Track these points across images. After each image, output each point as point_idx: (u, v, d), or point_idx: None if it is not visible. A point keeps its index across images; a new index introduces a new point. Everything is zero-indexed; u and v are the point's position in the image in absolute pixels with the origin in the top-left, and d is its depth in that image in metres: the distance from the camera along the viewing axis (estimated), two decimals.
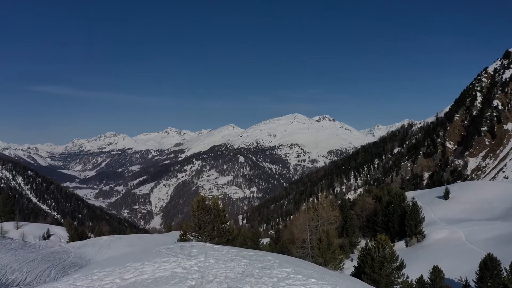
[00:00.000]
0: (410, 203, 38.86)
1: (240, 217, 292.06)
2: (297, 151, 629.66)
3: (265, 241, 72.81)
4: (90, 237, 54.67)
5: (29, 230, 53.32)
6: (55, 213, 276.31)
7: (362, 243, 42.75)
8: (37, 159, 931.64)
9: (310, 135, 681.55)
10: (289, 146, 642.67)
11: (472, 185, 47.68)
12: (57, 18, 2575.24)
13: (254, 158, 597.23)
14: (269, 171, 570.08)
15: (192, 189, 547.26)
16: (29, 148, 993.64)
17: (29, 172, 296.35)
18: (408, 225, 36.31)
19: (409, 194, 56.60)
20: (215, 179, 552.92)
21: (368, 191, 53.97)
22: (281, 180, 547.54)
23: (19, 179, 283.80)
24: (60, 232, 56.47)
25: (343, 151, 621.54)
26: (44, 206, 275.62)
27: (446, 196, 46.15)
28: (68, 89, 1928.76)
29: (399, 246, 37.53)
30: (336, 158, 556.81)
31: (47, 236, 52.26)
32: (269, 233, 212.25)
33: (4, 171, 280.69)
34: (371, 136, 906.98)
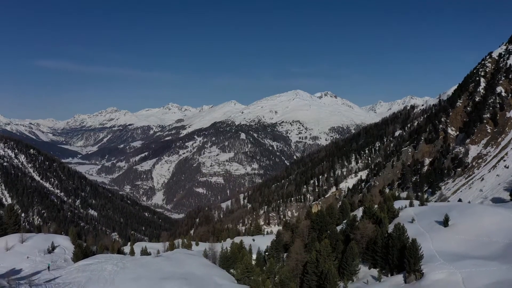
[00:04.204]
0: (410, 239, 39.11)
1: (242, 196, 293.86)
2: (298, 128, 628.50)
3: (265, 242, 73.62)
4: (94, 253, 55.71)
5: (34, 243, 54.13)
6: (58, 191, 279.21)
7: (362, 270, 43.47)
8: (39, 135, 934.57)
9: (312, 112, 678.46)
10: (290, 123, 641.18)
11: (472, 211, 47.66)
12: None
13: (255, 134, 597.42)
14: (270, 148, 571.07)
15: (194, 165, 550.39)
16: (30, 123, 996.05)
17: (32, 150, 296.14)
18: (407, 262, 36.80)
19: (409, 212, 56.84)
20: (217, 155, 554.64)
21: (369, 212, 54.00)
22: (282, 157, 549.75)
23: (22, 157, 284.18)
24: (64, 243, 57.36)
25: (345, 128, 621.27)
26: (47, 184, 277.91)
27: (445, 223, 46.48)
28: (69, 63, 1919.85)
29: (397, 280, 38.10)
30: (337, 136, 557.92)
31: (51, 249, 53.21)
32: (270, 215, 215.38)
33: (6, 149, 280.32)
34: (373, 112, 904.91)
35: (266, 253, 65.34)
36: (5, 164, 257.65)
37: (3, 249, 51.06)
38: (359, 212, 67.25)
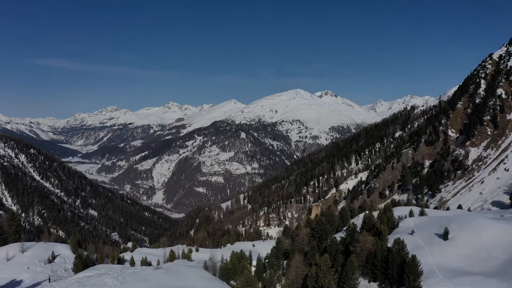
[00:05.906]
0: (410, 255, 39.20)
1: (242, 196, 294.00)
2: (298, 127, 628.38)
3: (265, 248, 73.71)
4: (94, 262, 55.75)
5: (34, 253, 54.22)
6: (58, 191, 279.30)
7: (362, 284, 43.56)
8: (39, 133, 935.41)
9: (312, 111, 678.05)
10: (290, 122, 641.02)
11: (472, 224, 47.58)
12: None
13: (255, 134, 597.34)
14: (271, 147, 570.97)
15: (194, 165, 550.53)
16: (30, 122, 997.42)
17: (32, 149, 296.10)
18: (406, 278, 36.91)
19: (409, 223, 56.89)
20: (217, 155, 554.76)
21: (368, 223, 54.09)
22: (282, 156, 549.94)
23: (22, 157, 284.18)
24: (64, 252, 57.49)
25: (345, 127, 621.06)
26: (47, 184, 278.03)
27: (445, 236, 46.53)
28: (69, 62, 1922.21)
29: None
30: (337, 135, 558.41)
31: (52, 259, 53.33)
32: (270, 216, 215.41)
33: (6, 149, 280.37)
34: (373, 112, 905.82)
35: (266, 261, 65.44)
36: (5, 164, 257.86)
37: (3, 259, 51.12)
38: (358, 220, 67.33)
